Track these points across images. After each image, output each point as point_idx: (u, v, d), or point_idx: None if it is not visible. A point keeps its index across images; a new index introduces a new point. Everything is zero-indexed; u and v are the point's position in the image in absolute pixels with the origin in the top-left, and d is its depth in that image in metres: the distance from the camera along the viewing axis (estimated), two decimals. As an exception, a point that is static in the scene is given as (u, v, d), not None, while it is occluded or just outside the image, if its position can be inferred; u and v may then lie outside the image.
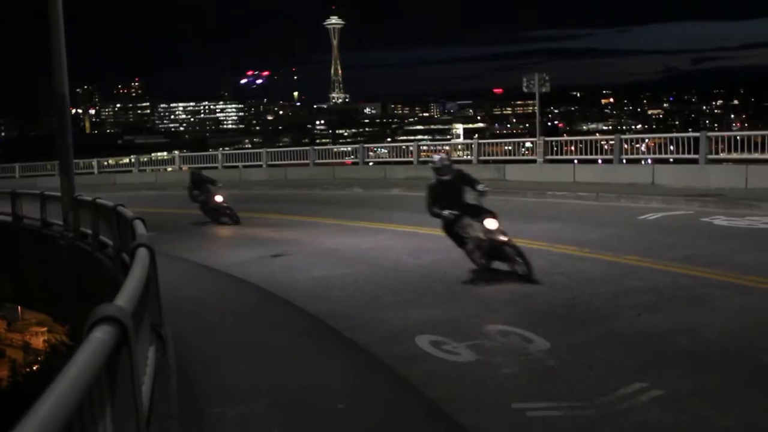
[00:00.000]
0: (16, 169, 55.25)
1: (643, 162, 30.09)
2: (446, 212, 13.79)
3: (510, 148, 34.90)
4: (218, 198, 24.37)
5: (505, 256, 13.56)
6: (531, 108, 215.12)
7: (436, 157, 14.95)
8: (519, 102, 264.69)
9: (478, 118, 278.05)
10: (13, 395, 49.91)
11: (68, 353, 44.70)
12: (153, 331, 6.49)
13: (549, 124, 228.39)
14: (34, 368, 56.46)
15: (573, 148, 32.09)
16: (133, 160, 54.43)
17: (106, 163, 57.97)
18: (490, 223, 13.52)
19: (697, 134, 27.95)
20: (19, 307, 61.75)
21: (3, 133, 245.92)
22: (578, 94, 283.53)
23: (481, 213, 13.76)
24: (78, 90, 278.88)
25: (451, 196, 14.00)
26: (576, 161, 30.40)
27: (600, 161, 30.36)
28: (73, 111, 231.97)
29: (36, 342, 64.58)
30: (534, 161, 31.88)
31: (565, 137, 42.20)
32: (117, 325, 3.46)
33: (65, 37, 18.90)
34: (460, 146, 41.87)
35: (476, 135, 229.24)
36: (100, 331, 3.32)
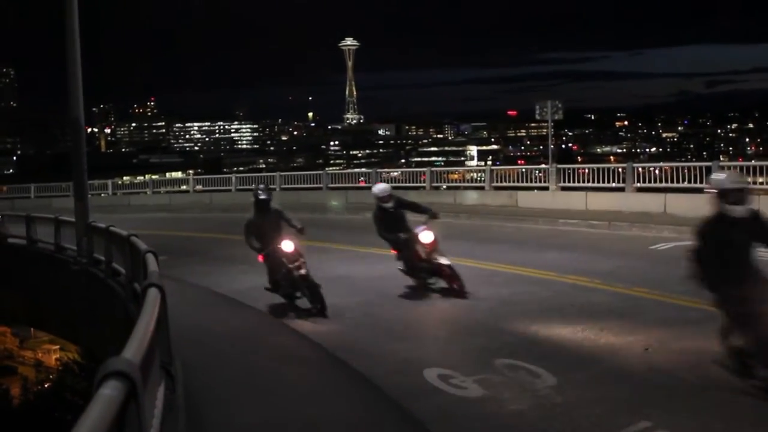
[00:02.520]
0: (31, 189, 55.49)
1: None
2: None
3: (523, 170, 34.91)
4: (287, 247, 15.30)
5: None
6: (545, 130, 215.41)
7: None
8: (533, 124, 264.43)
9: (492, 140, 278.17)
10: (24, 413, 50.11)
11: (80, 372, 44.87)
12: (162, 369, 6.57)
13: (563, 146, 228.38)
14: (46, 386, 56.67)
15: (585, 171, 32.08)
16: (147, 180, 54.66)
17: (120, 182, 58.24)
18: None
19: (709, 163, 27.94)
20: (32, 329, 62.07)
21: (19, 151, 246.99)
22: (592, 117, 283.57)
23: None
24: (94, 109, 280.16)
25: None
26: (588, 188, 30.36)
27: (613, 185, 30.30)
28: (89, 130, 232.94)
29: (48, 360, 64.70)
30: (546, 188, 31.88)
31: (578, 164, 42.13)
32: (125, 380, 3.54)
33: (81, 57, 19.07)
34: (473, 172, 41.58)
35: (490, 157, 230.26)
36: (108, 387, 3.41)
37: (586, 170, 32.25)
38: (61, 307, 21.56)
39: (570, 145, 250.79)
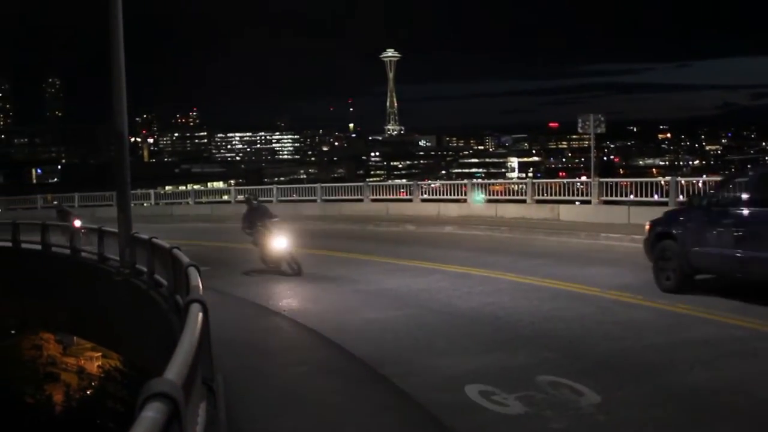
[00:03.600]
0: (75, 198, 56.11)
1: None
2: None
3: (565, 183, 34.72)
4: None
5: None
6: (587, 142, 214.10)
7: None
8: (575, 136, 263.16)
9: (533, 151, 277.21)
10: (67, 420, 50.58)
11: (121, 380, 45.17)
12: (204, 385, 6.58)
13: (605, 158, 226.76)
14: (88, 393, 57.21)
15: (628, 184, 31.83)
16: (189, 190, 55.00)
17: (162, 192, 58.73)
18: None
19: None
20: (74, 337, 62.67)
21: (64, 160, 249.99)
22: (635, 129, 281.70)
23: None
24: (137, 119, 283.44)
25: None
26: (631, 202, 30.10)
27: (656, 198, 30.02)
28: (132, 140, 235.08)
29: (90, 367, 65.35)
30: (589, 201, 31.66)
31: (620, 176, 41.73)
32: (168, 401, 3.54)
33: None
34: (515, 184, 41.40)
35: (531, 169, 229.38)
36: (151, 409, 3.40)
37: (629, 183, 32.00)
38: (103, 316, 21.74)
39: (612, 157, 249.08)
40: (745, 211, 14.76)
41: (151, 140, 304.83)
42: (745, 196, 15.05)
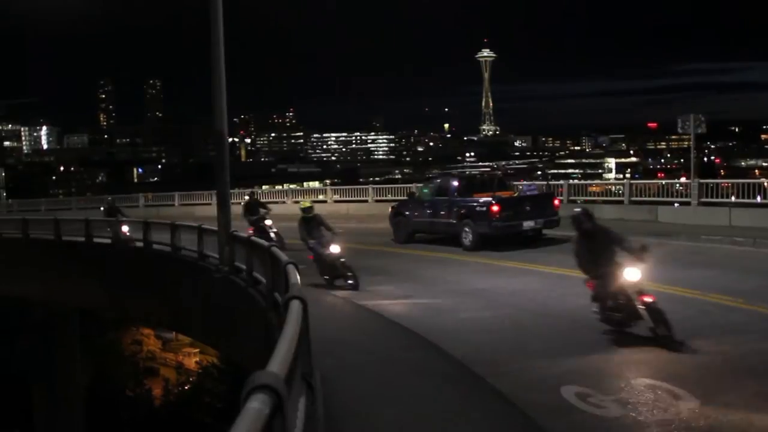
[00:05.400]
0: (175, 197, 57.20)
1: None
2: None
3: (663, 184, 34.11)
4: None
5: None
6: (686, 143, 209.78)
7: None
8: (674, 136, 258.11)
9: (631, 152, 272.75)
10: (165, 414, 51.65)
11: (218, 376, 45.91)
12: (303, 380, 6.68)
13: (705, 159, 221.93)
14: (186, 388, 58.40)
15: (729, 185, 31.13)
16: (285, 189, 55.58)
17: (259, 191, 59.52)
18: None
19: None
20: (174, 333, 63.98)
21: (164, 159, 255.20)
22: (736, 129, 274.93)
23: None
24: (235, 119, 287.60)
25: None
26: (732, 203, 29.43)
27: (758, 200, 29.27)
28: (230, 140, 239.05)
29: (188, 363, 66.74)
30: (688, 203, 31.05)
31: (721, 177, 40.82)
32: (272, 393, 3.62)
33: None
34: (612, 185, 40.83)
35: (628, 170, 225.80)
36: (256, 400, 3.49)
37: (730, 185, 31.29)
38: (201, 312, 22.11)
39: (712, 158, 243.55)
40: (434, 198, 27.60)
41: (248, 140, 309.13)
42: (436, 189, 28.33)
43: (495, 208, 24.82)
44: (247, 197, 32.07)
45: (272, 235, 26.74)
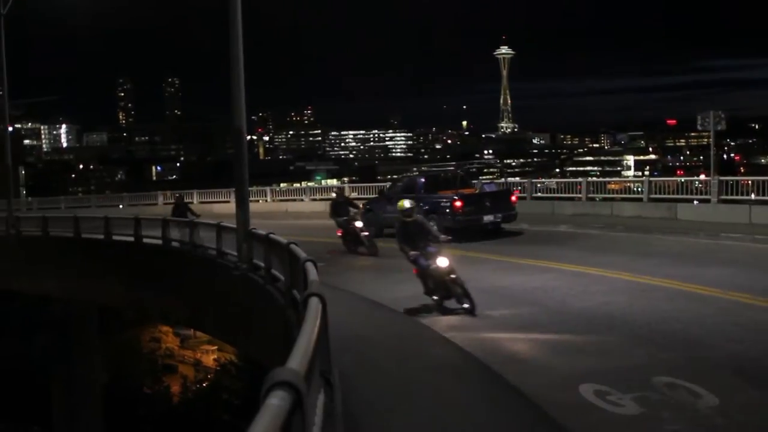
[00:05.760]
0: (193, 195, 57.43)
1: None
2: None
3: (682, 181, 33.96)
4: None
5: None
6: (705, 140, 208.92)
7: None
8: (693, 133, 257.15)
9: (650, 149, 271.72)
10: (184, 411, 51.85)
11: (236, 373, 46.12)
12: (322, 377, 6.68)
13: (725, 156, 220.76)
14: (204, 385, 58.66)
15: (749, 182, 30.93)
16: (304, 187, 55.67)
17: (277, 189, 59.64)
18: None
19: None
20: (192, 330, 64.25)
21: (182, 158, 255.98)
22: (756, 126, 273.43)
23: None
24: (253, 117, 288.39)
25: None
26: (752, 201, 29.24)
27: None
28: (248, 138, 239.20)
29: (206, 360, 67.07)
30: (708, 200, 30.90)
31: (741, 174, 40.61)
32: (291, 390, 3.62)
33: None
34: (631, 182, 40.66)
35: (647, 167, 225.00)
36: (275, 397, 3.49)
37: (750, 182, 31.11)
38: (220, 310, 22.18)
39: (732, 155, 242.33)
40: (402, 196, 23.64)
41: (266, 138, 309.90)
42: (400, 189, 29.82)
43: (458, 203, 27.17)
44: (334, 194, 30.32)
45: (363, 239, 25.42)
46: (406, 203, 16.68)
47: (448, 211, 27.15)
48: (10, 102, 44.37)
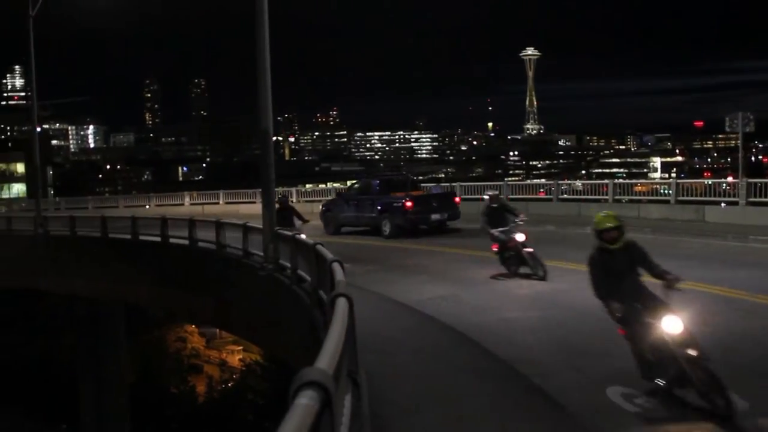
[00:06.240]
0: (220, 195, 57.66)
1: None
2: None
3: (710, 184, 33.72)
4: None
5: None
6: (734, 142, 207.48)
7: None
8: (720, 135, 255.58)
9: (677, 151, 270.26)
10: (209, 411, 52.00)
11: (262, 373, 46.15)
12: (349, 377, 6.69)
13: (753, 158, 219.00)
14: (229, 385, 58.79)
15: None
16: (329, 188, 55.73)
17: (303, 190, 59.73)
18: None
19: None
20: (217, 330, 64.44)
21: (208, 158, 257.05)
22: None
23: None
24: (279, 118, 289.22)
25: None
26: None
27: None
28: (274, 139, 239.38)
29: (232, 360, 67.19)
30: (736, 202, 30.67)
31: (770, 176, 40.25)
32: (320, 390, 3.63)
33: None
34: (658, 184, 40.42)
35: (674, 169, 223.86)
36: (305, 396, 3.50)
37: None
38: (246, 310, 22.24)
39: (760, 157, 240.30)
40: (358, 197, 32.68)
41: (292, 139, 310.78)
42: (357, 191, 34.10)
43: (408, 204, 30.64)
44: (486, 196, 21.74)
45: (527, 256, 19.35)
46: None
47: (399, 210, 30.62)
48: (38, 103, 44.68)
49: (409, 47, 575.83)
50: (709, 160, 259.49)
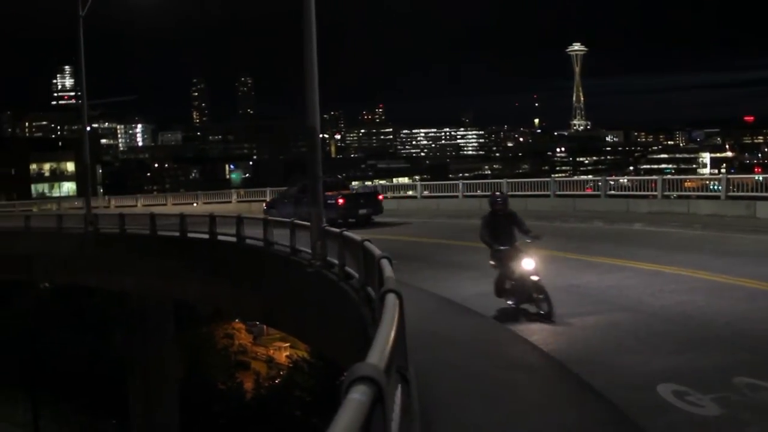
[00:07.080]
0: (266, 193, 57.97)
1: None
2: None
3: (761, 179, 33.25)
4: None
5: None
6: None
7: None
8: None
9: (727, 147, 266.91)
10: (256, 407, 52.32)
11: (309, 370, 46.39)
12: (398, 373, 6.69)
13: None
14: (276, 381, 59.13)
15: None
16: (375, 185, 55.76)
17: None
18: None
19: None
20: (264, 326, 64.82)
21: (255, 156, 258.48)
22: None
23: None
24: (325, 116, 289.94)
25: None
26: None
27: None
28: (320, 136, 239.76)
29: (279, 357, 67.63)
30: (789, 198, 30.23)
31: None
32: (372, 385, 3.62)
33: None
34: (707, 180, 39.92)
35: (724, 165, 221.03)
36: (357, 391, 3.49)
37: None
38: (293, 306, 22.32)
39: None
40: (297, 195, 36.11)
41: (338, 136, 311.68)
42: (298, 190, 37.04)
43: (341, 200, 35.87)
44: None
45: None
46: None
47: (333, 206, 34.35)
48: (87, 102, 45.21)
49: (457, 43, 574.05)
50: (759, 155, 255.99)
